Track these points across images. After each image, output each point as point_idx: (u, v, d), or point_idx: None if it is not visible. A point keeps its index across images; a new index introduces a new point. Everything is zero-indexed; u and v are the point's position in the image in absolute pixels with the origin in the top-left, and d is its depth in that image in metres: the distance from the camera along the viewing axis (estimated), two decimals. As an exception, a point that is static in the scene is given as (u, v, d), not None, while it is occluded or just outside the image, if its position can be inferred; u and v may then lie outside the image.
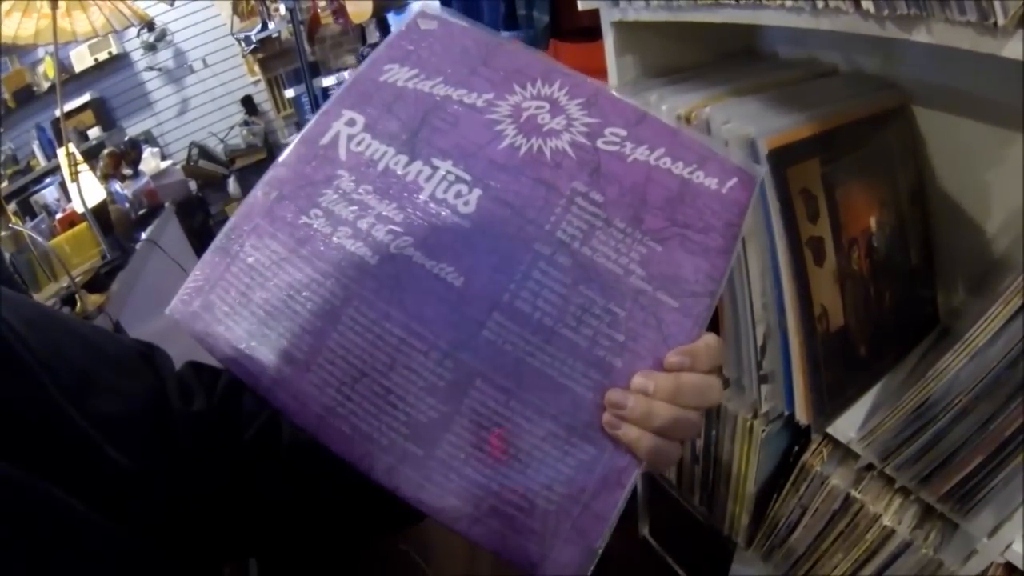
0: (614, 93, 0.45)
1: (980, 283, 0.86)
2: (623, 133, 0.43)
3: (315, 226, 0.41)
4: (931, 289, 0.89)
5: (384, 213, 0.41)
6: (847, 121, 0.74)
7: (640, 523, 1.44)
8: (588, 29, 1.06)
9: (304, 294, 0.39)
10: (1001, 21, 0.45)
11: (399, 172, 0.42)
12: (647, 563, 1.43)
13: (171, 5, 3.65)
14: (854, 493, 0.82)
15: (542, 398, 0.38)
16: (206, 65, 4.08)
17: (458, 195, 0.41)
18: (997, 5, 0.44)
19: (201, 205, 3.45)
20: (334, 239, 0.40)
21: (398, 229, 0.40)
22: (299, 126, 3.98)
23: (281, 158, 0.43)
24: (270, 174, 0.43)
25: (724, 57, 1.01)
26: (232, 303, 0.40)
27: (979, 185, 0.80)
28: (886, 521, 0.79)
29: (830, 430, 0.80)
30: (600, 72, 0.97)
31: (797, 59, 0.97)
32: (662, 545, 1.43)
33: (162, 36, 3.86)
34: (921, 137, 0.84)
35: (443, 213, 0.41)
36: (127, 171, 2.84)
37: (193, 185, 3.48)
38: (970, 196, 0.83)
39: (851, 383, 0.80)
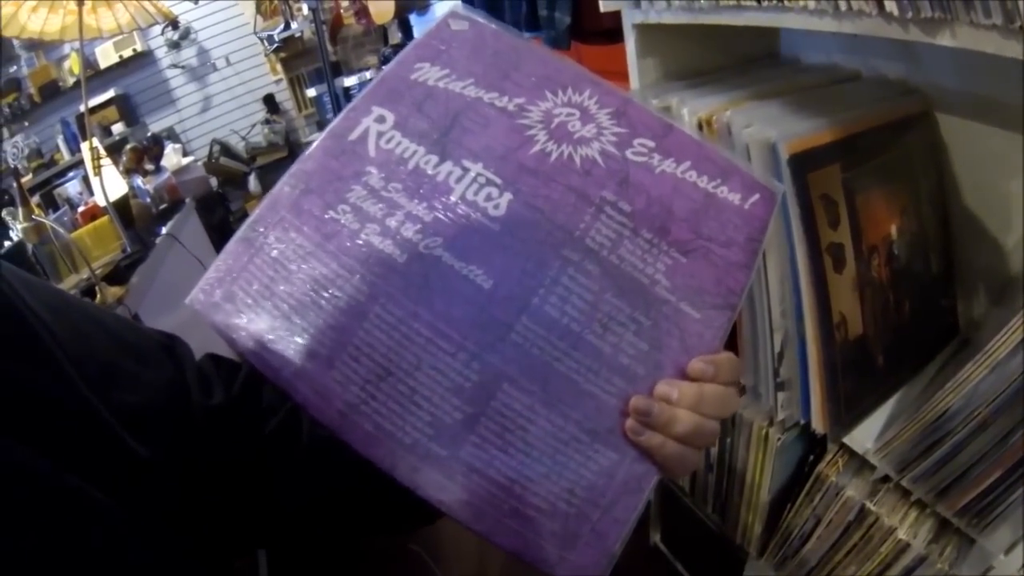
0: (642, 104, 0.45)
1: (1002, 294, 0.85)
2: (651, 144, 0.44)
3: (342, 221, 0.41)
4: (951, 299, 0.88)
5: (414, 212, 0.41)
6: (869, 127, 0.74)
7: (652, 531, 1.43)
8: (610, 31, 1.06)
9: (330, 290, 0.39)
10: (1028, 26, 0.44)
11: (429, 172, 0.42)
12: (657, 571, 1.42)
13: (196, 3, 3.70)
14: (869, 505, 0.81)
15: (566, 403, 0.38)
16: (229, 63, 4.11)
17: (488, 198, 0.41)
18: (1023, 7, 0.44)
19: (221, 201, 3.49)
20: (362, 236, 0.40)
21: (428, 229, 0.40)
22: (320, 125, 4.01)
23: (308, 152, 0.43)
24: (296, 167, 0.43)
25: (746, 61, 1.01)
26: (255, 295, 0.40)
27: (1002, 193, 0.79)
28: (901, 535, 0.78)
29: (846, 440, 0.80)
30: (621, 74, 0.97)
31: (819, 64, 0.97)
32: (673, 553, 1.42)
33: (186, 34, 3.91)
34: (943, 144, 0.84)
35: (473, 215, 0.41)
36: (149, 166, 2.88)
37: (214, 182, 3.54)
38: (993, 204, 0.82)
39: (868, 393, 0.79)
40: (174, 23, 3.77)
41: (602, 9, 0.92)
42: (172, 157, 3.12)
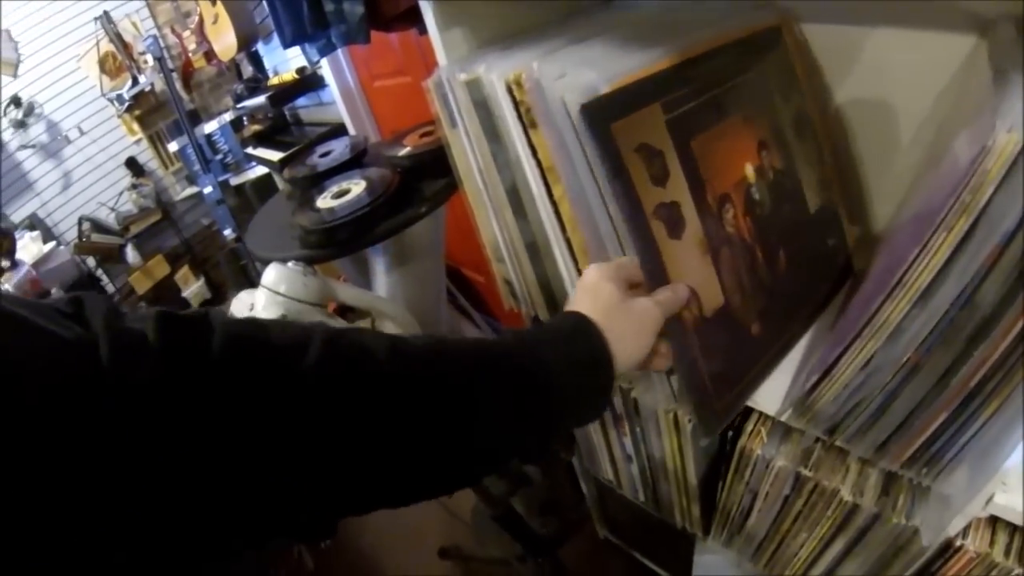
0: None
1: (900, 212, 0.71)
2: None
3: None
4: (839, 234, 0.74)
5: None
6: (699, 52, 0.58)
7: (597, 526, 1.29)
8: (413, 10, 0.87)
9: None
10: None
11: None
12: (616, 563, 1.28)
13: (14, 77, 3.28)
14: (804, 472, 0.67)
15: None
16: (82, 133, 3.66)
17: None
18: None
19: (93, 283, 3.08)
20: None
21: None
22: (189, 179, 3.64)
23: None
24: None
25: (574, 15, 0.84)
26: None
27: (885, 101, 0.65)
28: (846, 496, 0.65)
29: (762, 409, 0.66)
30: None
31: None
32: (626, 543, 1.28)
33: (30, 111, 3.45)
34: (812, 58, 0.69)
35: None
36: (4, 263, 2.50)
37: (92, 262, 3.14)
38: (876, 116, 0.67)
39: (747, 366, 0.64)
40: (16, 101, 3.33)
41: (391, -17, 0.73)
42: (31, 247, 2.73)
